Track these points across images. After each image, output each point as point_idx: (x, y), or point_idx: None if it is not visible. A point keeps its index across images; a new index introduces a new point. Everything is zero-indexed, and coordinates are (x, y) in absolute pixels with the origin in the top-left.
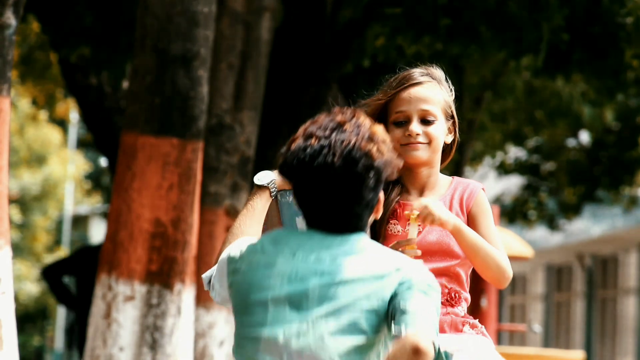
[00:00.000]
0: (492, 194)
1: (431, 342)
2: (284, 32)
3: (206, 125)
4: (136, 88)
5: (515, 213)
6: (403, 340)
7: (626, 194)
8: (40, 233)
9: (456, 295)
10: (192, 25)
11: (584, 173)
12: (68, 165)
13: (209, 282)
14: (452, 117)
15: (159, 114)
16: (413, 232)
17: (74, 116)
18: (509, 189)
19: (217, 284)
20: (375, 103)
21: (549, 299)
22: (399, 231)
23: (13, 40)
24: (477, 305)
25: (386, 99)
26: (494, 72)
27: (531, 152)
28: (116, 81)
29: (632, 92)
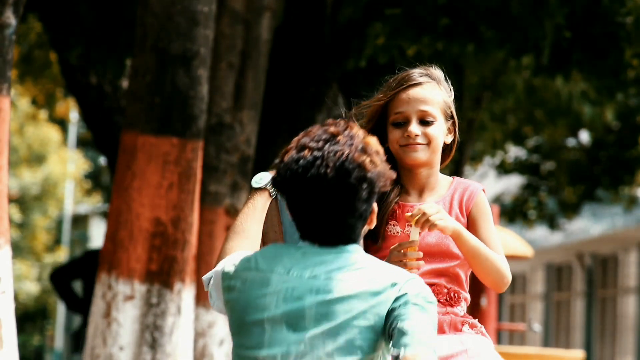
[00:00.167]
0: (492, 193)
1: None
2: (284, 32)
3: (206, 125)
4: (136, 87)
5: (515, 212)
6: None
7: (626, 193)
8: (40, 232)
9: (455, 295)
10: (192, 24)
11: (583, 172)
12: (68, 165)
13: (209, 283)
14: (452, 117)
15: (158, 113)
16: (414, 234)
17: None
18: (509, 189)
19: (214, 294)
20: (375, 104)
21: (548, 298)
22: (398, 232)
23: (13, 40)
24: (476, 305)
25: (385, 99)
26: (494, 72)
27: (531, 151)
28: (115, 80)
29: (632, 91)
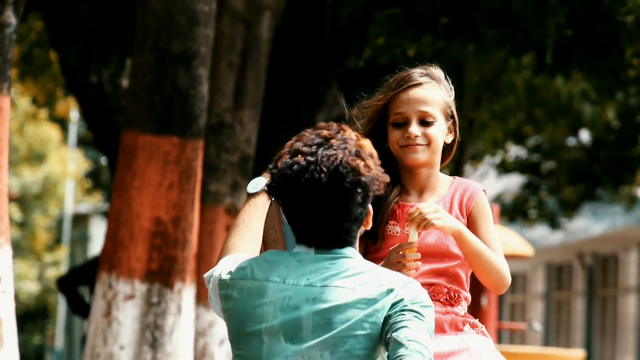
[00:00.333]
0: (493, 192)
1: None
2: (284, 31)
3: (206, 124)
4: (136, 87)
5: (515, 212)
6: None
7: (626, 192)
8: (41, 232)
9: (456, 294)
10: (193, 23)
11: (584, 172)
12: (68, 164)
13: (209, 281)
14: (452, 116)
15: (159, 112)
16: (413, 235)
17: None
18: (510, 188)
19: (213, 298)
20: (375, 104)
21: (549, 297)
22: (397, 232)
23: (13, 39)
24: (477, 304)
25: (385, 100)
26: (494, 71)
27: (531, 151)
28: (115, 79)
29: (633, 90)
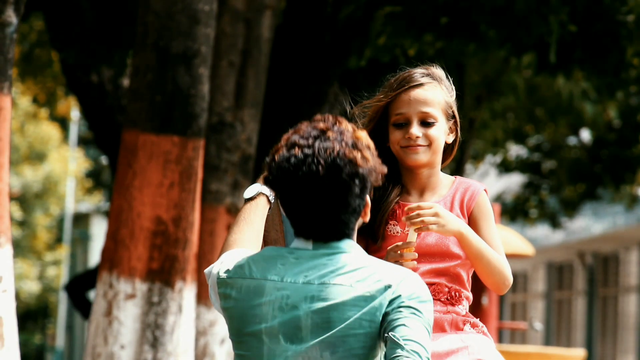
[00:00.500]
0: (493, 191)
1: None
2: (284, 30)
3: (207, 123)
4: (137, 86)
5: (516, 211)
6: None
7: (627, 192)
8: (41, 231)
9: (457, 294)
10: (193, 23)
11: (585, 171)
12: (69, 163)
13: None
14: (453, 116)
15: (159, 111)
16: (412, 235)
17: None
18: (510, 187)
19: (213, 296)
20: (376, 104)
21: (550, 297)
22: (398, 232)
23: (14, 38)
24: (478, 303)
25: (386, 100)
26: (495, 71)
27: (532, 150)
28: (116, 78)
29: (633, 90)
